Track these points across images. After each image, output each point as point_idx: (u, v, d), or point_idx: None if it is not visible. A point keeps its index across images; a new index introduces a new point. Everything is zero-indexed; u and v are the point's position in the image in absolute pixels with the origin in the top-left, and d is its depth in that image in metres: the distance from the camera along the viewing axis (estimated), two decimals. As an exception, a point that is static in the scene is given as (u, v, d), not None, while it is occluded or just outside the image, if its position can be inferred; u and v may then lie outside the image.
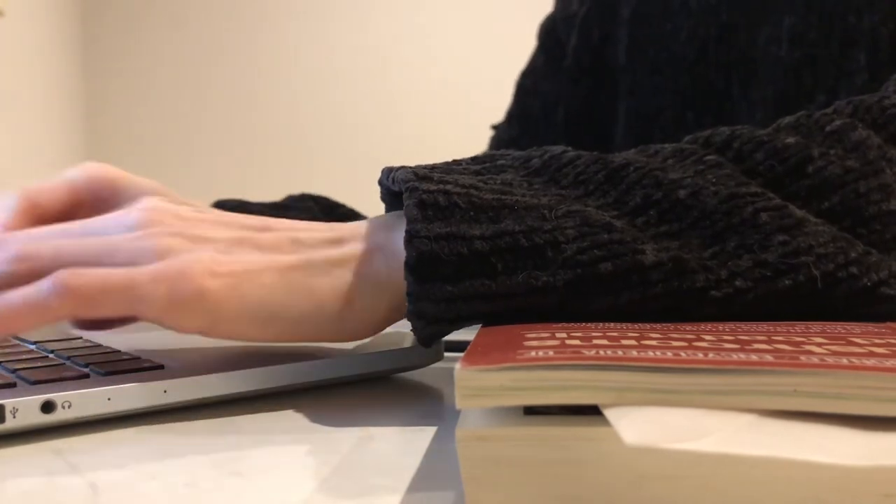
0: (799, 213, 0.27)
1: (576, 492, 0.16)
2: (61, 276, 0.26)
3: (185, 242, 0.28)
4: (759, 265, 0.26)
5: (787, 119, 0.32)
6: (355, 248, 0.29)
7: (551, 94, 0.71)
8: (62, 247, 0.28)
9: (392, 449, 0.23)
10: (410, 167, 0.29)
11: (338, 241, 0.30)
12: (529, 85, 0.74)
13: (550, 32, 0.73)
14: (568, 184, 0.29)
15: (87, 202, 0.39)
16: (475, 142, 2.19)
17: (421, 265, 0.26)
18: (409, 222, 0.26)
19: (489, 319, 0.26)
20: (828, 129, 0.30)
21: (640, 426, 0.14)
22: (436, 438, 0.24)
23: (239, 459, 0.22)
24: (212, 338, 0.28)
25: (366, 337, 0.30)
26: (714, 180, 0.28)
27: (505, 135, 0.75)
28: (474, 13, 2.81)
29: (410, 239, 0.26)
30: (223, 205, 0.51)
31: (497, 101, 1.55)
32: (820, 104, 0.48)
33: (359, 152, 2.87)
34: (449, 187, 0.27)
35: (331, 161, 2.87)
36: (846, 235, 0.27)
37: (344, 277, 0.29)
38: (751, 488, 0.14)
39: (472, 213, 0.26)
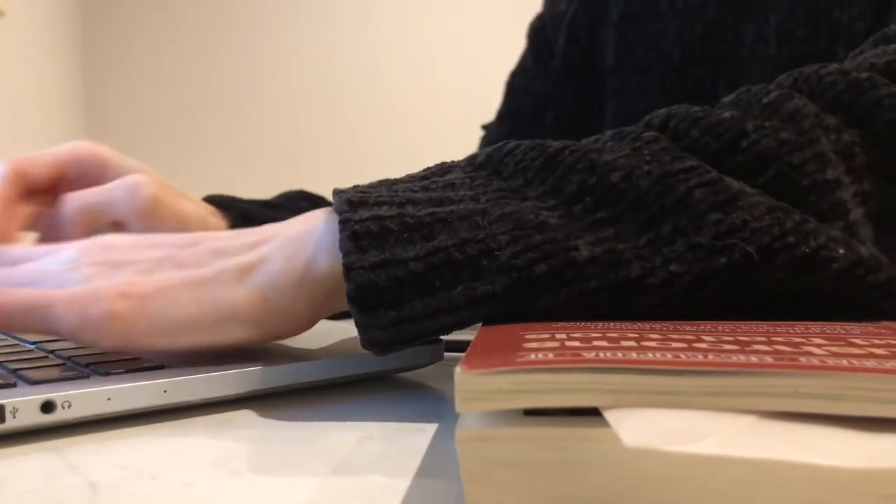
0: (735, 184, 0.27)
1: (575, 492, 0.16)
2: None
3: (106, 269, 0.30)
4: (693, 248, 0.26)
5: (729, 96, 0.31)
6: (270, 248, 0.30)
7: (541, 93, 0.71)
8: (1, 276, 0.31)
9: (392, 448, 0.23)
10: (346, 192, 0.29)
11: (256, 245, 0.30)
12: (519, 84, 0.74)
13: (539, 32, 0.73)
14: (509, 174, 0.29)
15: (72, 176, 0.44)
16: (474, 142, 2.19)
17: (361, 296, 0.26)
18: (343, 255, 0.27)
19: (442, 333, 0.27)
20: (764, 101, 0.30)
21: (639, 428, 0.14)
22: (436, 438, 0.24)
23: (239, 459, 0.22)
24: (134, 353, 0.30)
25: (297, 333, 0.30)
26: (649, 158, 0.27)
27: (494, 134, 0.75)
28: (474, 13, 2.81)
29: (348, 272, 0.26)
30: (213, 200, 0.51)
31: (496, 102, 1.55)
32: None
33: (358, 151, 2.87)
34: (383, 210, 0.27)
35: (330, 161, 2.87)
36: (783, 205, 0.26)
37: (255, 281, 0.29)
38: (750, 490, 0.14)
39: (405, 235, 0.27)
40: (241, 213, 0.50)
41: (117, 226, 0.41)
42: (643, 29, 0.62)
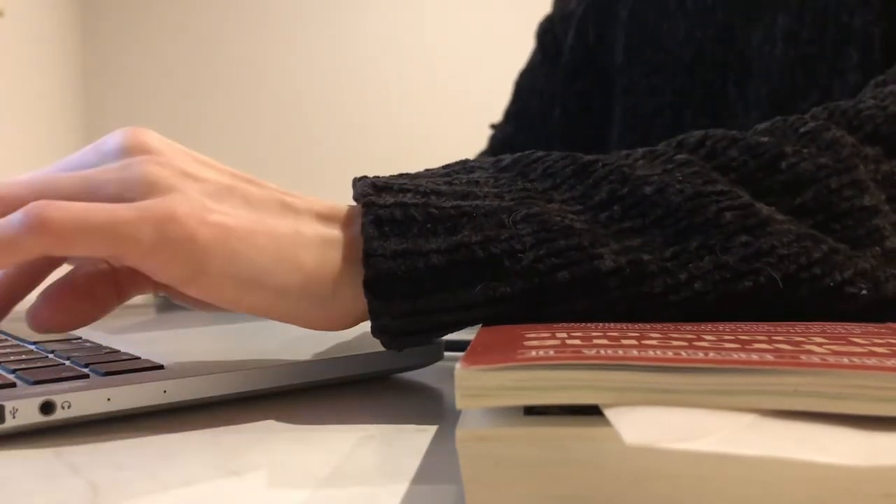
0: (765, 211, 0.27)
1: (576, 492, 0.16)
2: (36, 207, 0.23)
3: (174, 176, 0.26)
4: (720, 268, 0.26)
5: (763, 124, 0.32)
6: (345, 232, 0.28)
7: (547, 92, 0.71)
8: (41, 184, 0.26)
9: (392, 449, 0.23)
10: (370, 178, 0.28)
11: (328, 219, 0.28)
12: (527, 83, 0.74)
13: (548, 31, 0.73)
14: (536, 177, 0.29)
15: None
16: (478, 143, 2.19)
17: (378, 283, 0.25)
18: (365, 241, 0.26)
19: (454, 328, 0.27)
20: (801, 130, 0.30)
21: (640, 426, 0.14)
22: (436, 438, 0.24)
23: (239, 459, 0.22)
24: (186, 293, 0.26)
25: (341, 328, 0.29)
26: (681, 178, 0.28)
27: (501, 133, 0.75)
28: (477, 15, 2.81)
29: (367, 258, 0.26)
30: None
31: (499, 103, 1.55)
32: (814, 103, 0.48)
33: (360, 153, 2.87)
34: (408, 197, 0.27)
35: (333, 164, 2.87)
36: (813, 233, 0.27)
37: (332, 259, 0.27)
38: (751, 488, 0.14)
39: (429, 226, 0.26)
40: None
41: None
42: (652, 29, 0.62)
